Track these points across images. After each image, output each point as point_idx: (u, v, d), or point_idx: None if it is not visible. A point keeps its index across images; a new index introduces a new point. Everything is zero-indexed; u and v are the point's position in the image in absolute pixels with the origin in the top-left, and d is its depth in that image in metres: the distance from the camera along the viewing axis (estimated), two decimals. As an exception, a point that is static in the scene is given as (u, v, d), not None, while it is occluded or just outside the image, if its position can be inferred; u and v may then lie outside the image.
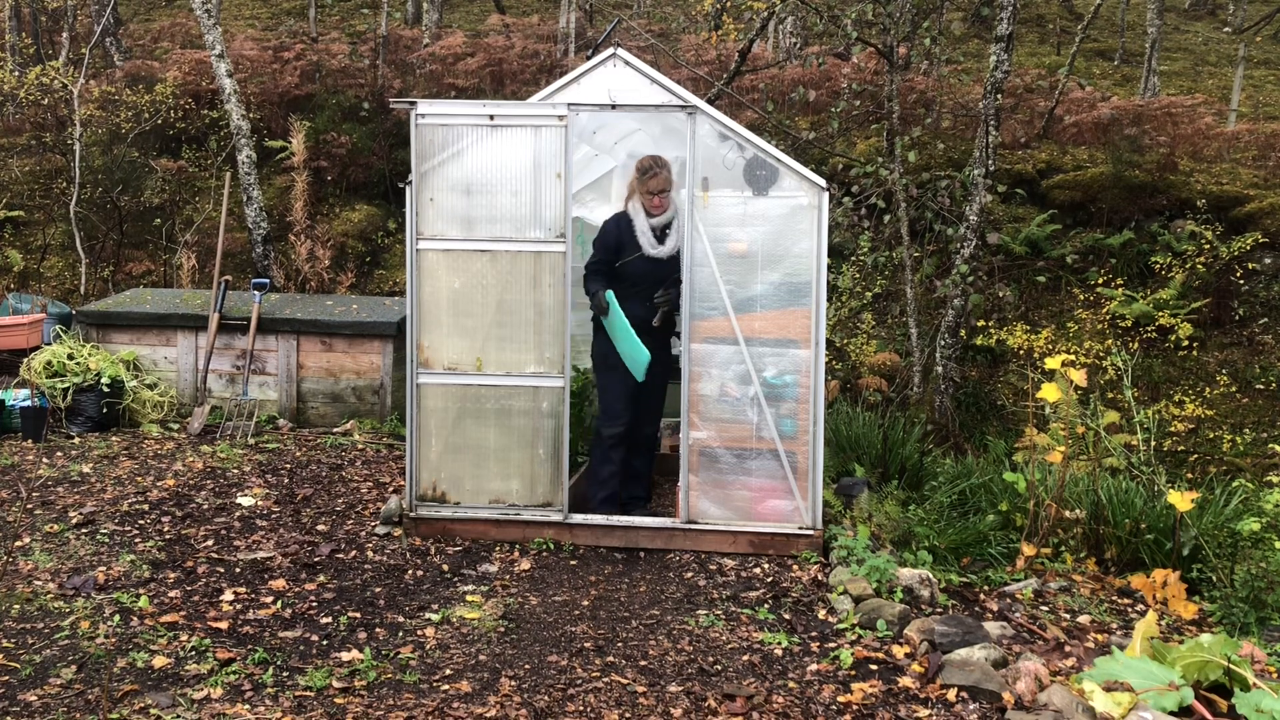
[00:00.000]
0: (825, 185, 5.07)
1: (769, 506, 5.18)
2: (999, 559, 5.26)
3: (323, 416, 7.76)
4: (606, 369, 5.61)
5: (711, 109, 5.12)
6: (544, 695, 3.59)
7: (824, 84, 13.71)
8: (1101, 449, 5.78)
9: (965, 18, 17.73)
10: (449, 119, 5.11)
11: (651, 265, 5.43)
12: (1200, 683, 3.52)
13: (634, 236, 5.41)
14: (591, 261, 5.58)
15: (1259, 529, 4.96)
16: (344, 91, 13.72)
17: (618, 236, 5.47)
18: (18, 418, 6.87)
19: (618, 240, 5.46)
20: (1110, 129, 12.70)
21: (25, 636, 3.85)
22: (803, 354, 5.11)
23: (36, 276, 11.24)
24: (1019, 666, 3.68)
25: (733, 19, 15.48)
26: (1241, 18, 20.03)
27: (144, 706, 3.37)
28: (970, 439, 8.71)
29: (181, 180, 12.54)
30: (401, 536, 5.27)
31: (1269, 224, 10.51)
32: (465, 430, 5.25)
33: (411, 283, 5.19)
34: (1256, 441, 8.87)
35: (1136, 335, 10.11)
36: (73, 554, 4.74)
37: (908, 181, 9.54)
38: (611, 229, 5.51)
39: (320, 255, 11.02)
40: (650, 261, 5.42)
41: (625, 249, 5.43)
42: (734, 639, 4.15)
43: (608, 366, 5.58)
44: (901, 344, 9.91)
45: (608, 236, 5.51)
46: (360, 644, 3.96)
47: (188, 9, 18.04)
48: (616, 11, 18.75)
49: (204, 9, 10.70)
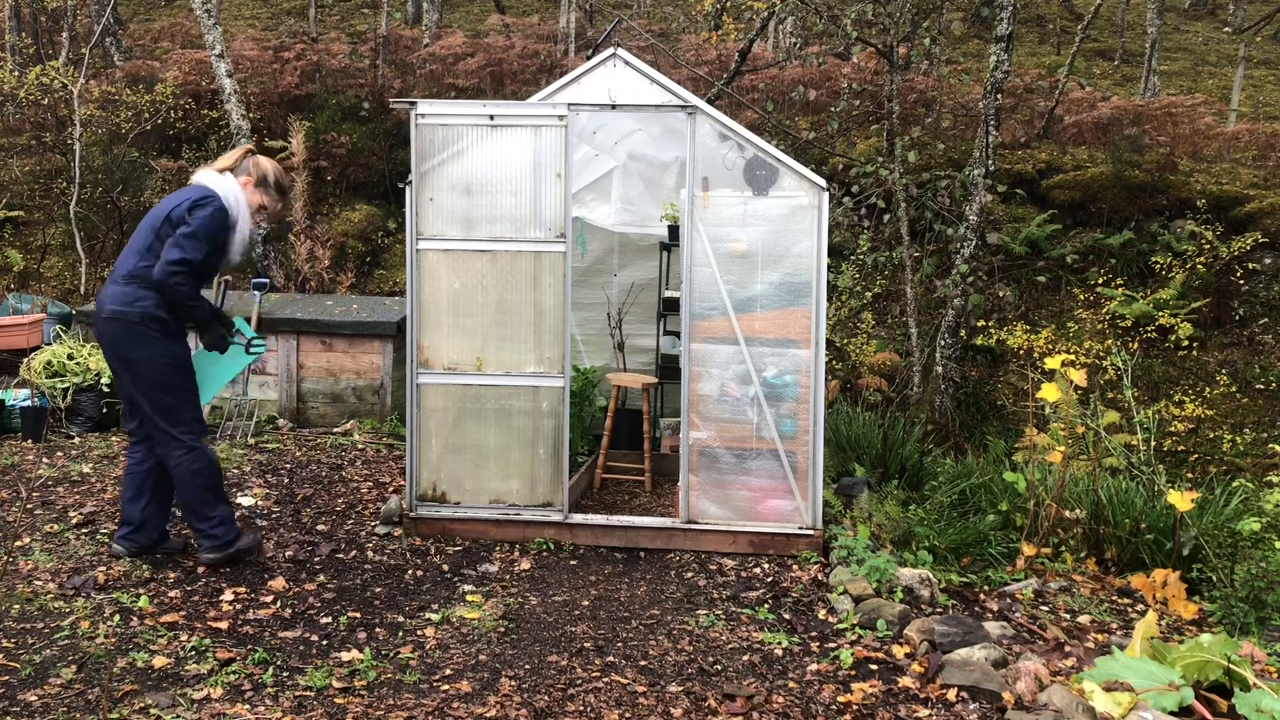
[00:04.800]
0: (825, 185, 5.07)
1: (769, 506, 5.18)
2: (999, 559, 5.26)
3: (323, 416, 7.76)
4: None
5: (711, 109, 5.12)
6: (544, 695, 3.59)
7: (824, 84, 13.71)
8: (1101, 449, 5.78)
9: (965, 18, 17.74)
10: (449, 119, 5.11)
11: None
12: (1200, 683, 3.52)
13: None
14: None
15: (1259, 529, 4.96)
16: (344, 91, 13.72)
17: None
18: (18, 418, 6.87)
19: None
20: (1110, 129, 12.70)
21: (25, 636, 3.85)
22: (803, 354, 5.11)
23: (36, 276, 11.24)
24: (1019, 666, 3.68)
25: (733, 19, 15.49)
26: (1241, 18, 20.02)
27: (144, 706, 3.37)
28: (970, 439, 8.71)
29: (181, 180, 12.52)
30: (401, 536, 5.27)
31: (1269, 224, 10.51)
32: (465, 430, 5.25)
33: (411, 283, 5.19)
34: (1256, 441, 8.87)
35: (1136, 335, 10.11)
36: (73, 554, 4.73)
37: (908, 181, 9.54)
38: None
39: (320, 255, 11.02)
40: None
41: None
42: (734, 639, 4.15)
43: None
44: (901, 344, 9.91)
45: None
46: (360, 644, 3.96)
47: (188, 9, 18.04)
48: (616, 11, 18.75)
49: (204, 9, 10.70)
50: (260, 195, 4.63)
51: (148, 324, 4.35)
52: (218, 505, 4.56)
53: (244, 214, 4.54)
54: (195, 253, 4.31)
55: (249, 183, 4.59)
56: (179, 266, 4.27)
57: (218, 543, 4.56)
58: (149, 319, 4.35)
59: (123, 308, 4.35)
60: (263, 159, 4.68)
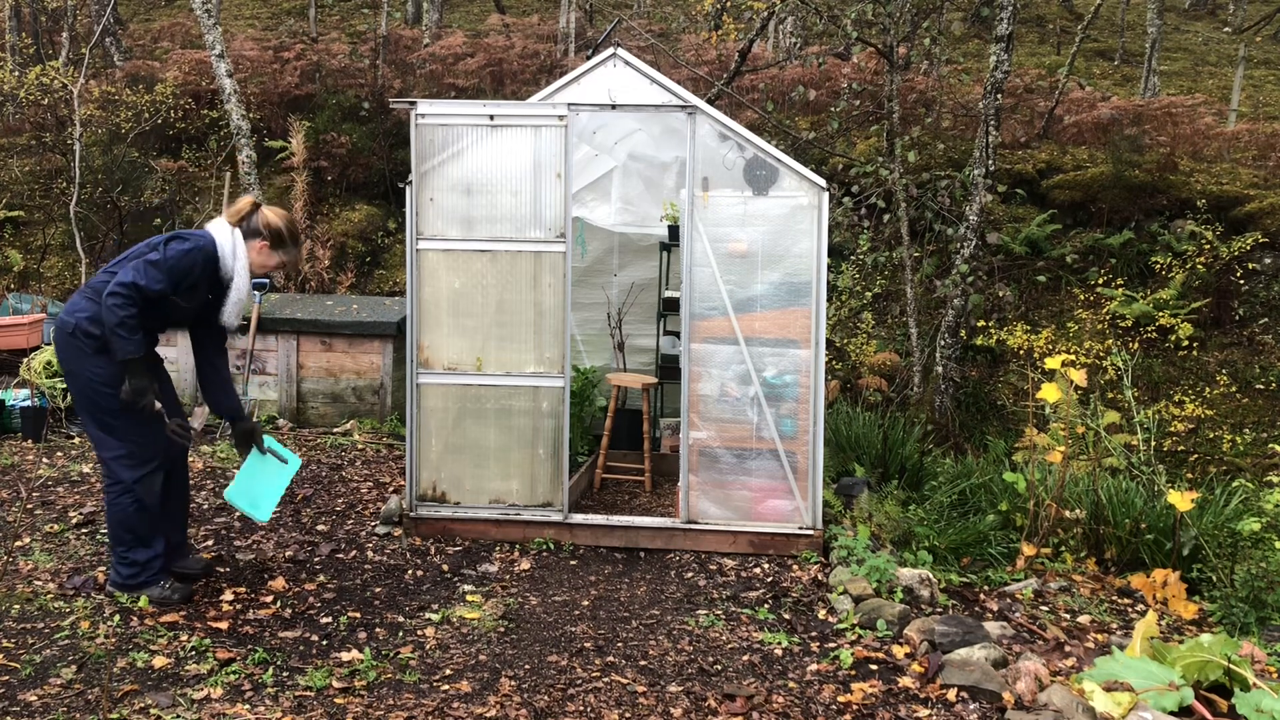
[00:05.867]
0: (825, 185, 5.07)
1: (769, 506, 5.18)
2: (999, 559, 5.26)
3: (323, 416, 7.76)
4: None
5: (711, 109, 5.12)
6: (544, 695, 3.59)
7: (824, 84, 13.71)
8: (1101, 449, 5.78)
9: (965, 18, 17.74)
10: (449, 119, 5.11)
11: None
12: (1200, 683, 3.52)
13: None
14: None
15: (1259, 529, 4.96)
16: (344, 91, 13.72)
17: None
18: (18, 418, 6.87)
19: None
20: (1110, 129, 12.70)
21: (25, 636, 3.85)
22: (803, 354, 5.11)
23: (36, 276, 11.24)
24: (1019, 666, 3.68)
25: (733, 19, 15.48)
26: (1241, 18, 20.02)
27: (144, 706, 3.37)
28: (970, 439, 8.71)
29: (181, 180, 12.54)
30: (401, 536, 5.27)
31: (1269, 224, 10.51)
32: (465, 430, 5.25)
33: (411, 283, 5.19)
34: (1256, 441, 8.87)
35: (1136, 335, 10.11)
36: (73, 554, 4.73)
37: (908, 181, 9.54)
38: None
39: (320, 255, 11.02)
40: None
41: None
42: (734, 639, 4.15)
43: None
44: (901, 344, 9.91)
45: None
46: (360, 644, 3.96)
47: (188, 9, 18.04)
48: (616, 11, 18.75)
49: (204, 9, 10.70)
50: (279, 255, 4.28)
51: (79, 336, 4.01)
52: (135, 548, 4.15)
53: (241, 273, 4.16)
54: (149, 281, 3.90)
55: (264, 246, 4.22)
56: (123, 288, 3.86)
57: (120, 579, 4.20)
58: (81, 332, 4.01)
59: (65, 316, 4.06)
60: (269, 213, 4.25)
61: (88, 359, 4.02)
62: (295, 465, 4.56)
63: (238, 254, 4.16)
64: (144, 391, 3.98)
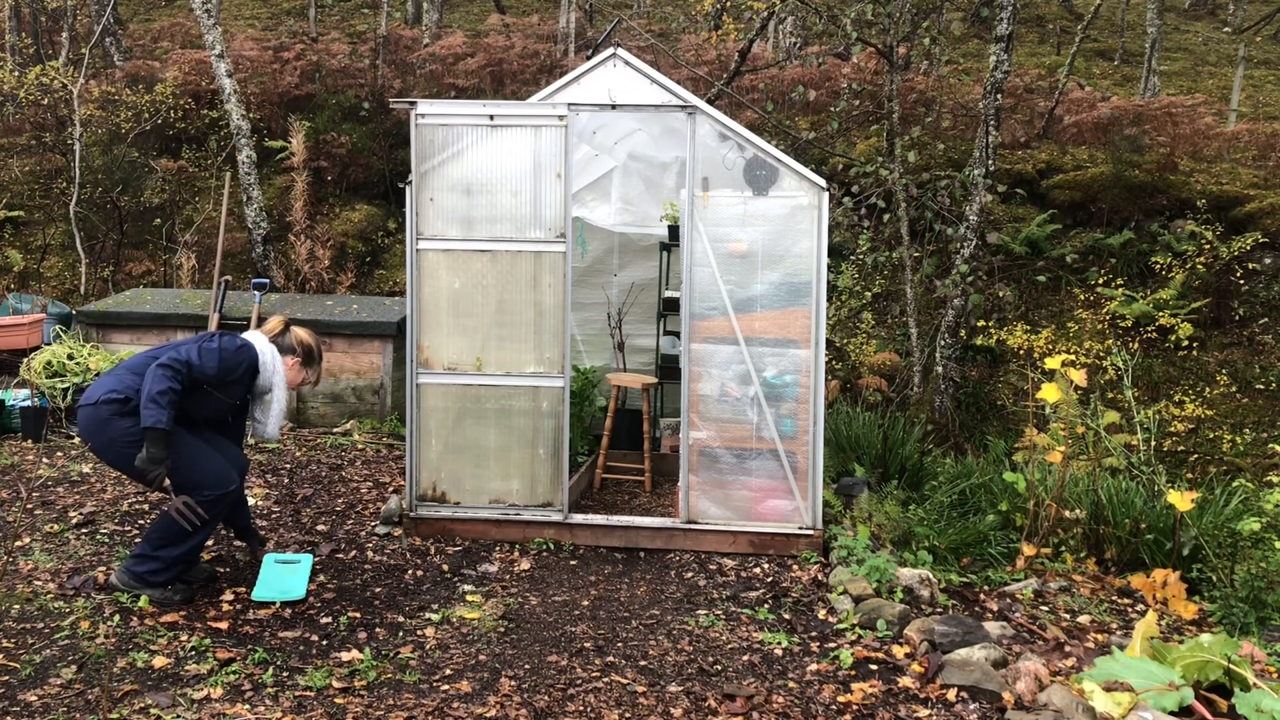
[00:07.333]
0: (825, 185, 5.07)
1: (769, 506, 5.18)
2: (999, 559, 5.26)
3: (323, 416, 7.76)
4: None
5: (711, 109, 5.12)
6: (544, 695, 3.59)
7: (824, 84, 13.71)
8: (1101, 449, 5.78)
9: (965, 18, 17.74)
10: (449, 119, 5.11)
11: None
12: (1200, 683, 3.52)
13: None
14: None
15: (1259, 529, 4.96)
16: (344, 91, 13.72)
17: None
18: (18, 418, 6.87)
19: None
20: (1110, 129, 12.70)
21: (25, 636, 3.85)
22: (803, 354, 5.11)
23: (36, 276, 11.24)
24: (1019, 666, 3.68)
25: (733, 19, 15.48)
26: (1241, 18, 20.02)
27: (144, 706, 3.37)
28: (970, 439, 8.71)
29: (181, 180, 12.54)
30: (401, 536, 5.27)
31: (1269, 224, 10.51)
32: (465, 430, 5.25)
33: (411, 283, 5.19)
34: (1256, 441, 8.87)
35: (1136, 335, 10.11)
36: (73, 554, 4.73)
37: (908, 181, 9.55)
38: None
39: (320, 255, 11.02)
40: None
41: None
42: (734, 639, 4.15)
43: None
44: (901, 344, 9.91)
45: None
46: (360, 644, 3.96)
47: (188, 9, 18.05)
48: (616, 11, 18.75)
49: (204, 9, 10.70)
50: (307, 372, 4.46)
51: (102, 405, 4.05)
52: (166, 546, 4.18)
53: (280, 384, 4.31)
54: (202, 362, 4.03)
55: (296, 363, 4.39)
56: (177, 363, 3.96)
57: (138, 572, 4.19)
58: (104, 402, 4.05)
59: (87, 395, 4.11)
60: (301, 332, 4.43)
61: (114, 422, 4.04)
62: (309, 559, 4.59)
63: (277, 368, 4.33)
64: (159, 462, 3.95)
